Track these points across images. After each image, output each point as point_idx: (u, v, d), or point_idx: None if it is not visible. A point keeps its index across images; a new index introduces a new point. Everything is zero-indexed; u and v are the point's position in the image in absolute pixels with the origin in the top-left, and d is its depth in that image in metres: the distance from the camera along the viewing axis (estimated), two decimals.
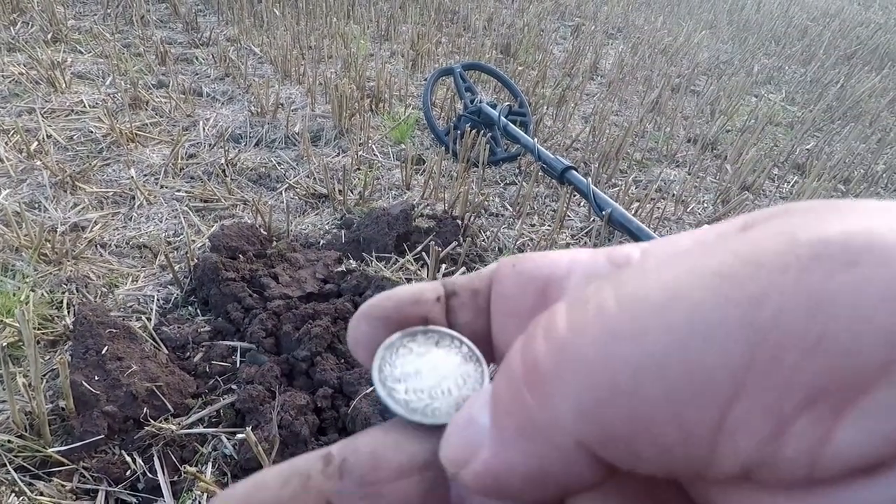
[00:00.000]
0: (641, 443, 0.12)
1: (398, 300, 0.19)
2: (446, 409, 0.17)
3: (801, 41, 4.66)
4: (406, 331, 0.19)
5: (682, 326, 0.12)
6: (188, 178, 1.77)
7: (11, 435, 0.96)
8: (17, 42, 2.33)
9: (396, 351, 0.18)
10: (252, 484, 0.15)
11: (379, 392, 0.17)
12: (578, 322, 0.13)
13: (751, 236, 0.13)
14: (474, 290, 0.20)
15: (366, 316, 0.19)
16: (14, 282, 1.27)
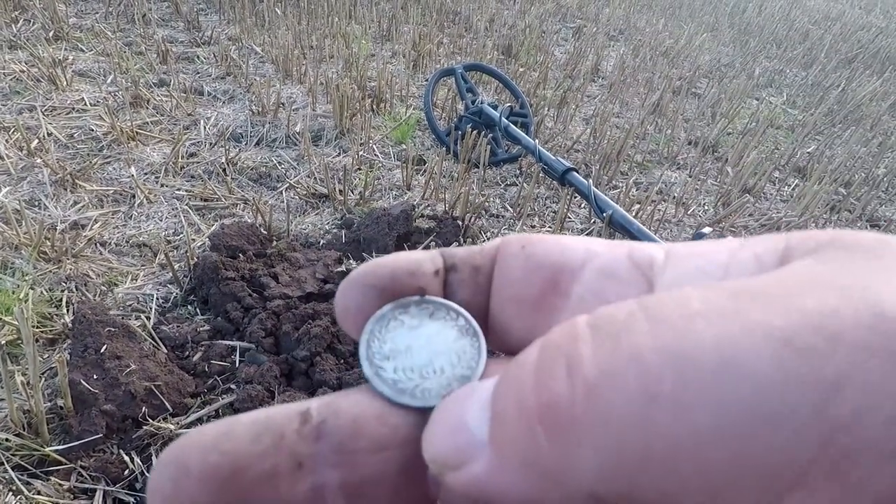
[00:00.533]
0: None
1: (394, 268, 0.18)
2: (437, 389, 0.16)
3: (803, 44, 4.66)
4: (398, 302, 0.17)
5: (739, 405, 0.10)
6: (188, 176, 1.76)
7: (9, 433, 0.96)
8: (18, 40, 2.33)
9: (387, 324, 0.17)
10: (222, 432, 0.14)
11: (365, 370, 0.16)
12: (610, 367, 0.12)
13: (819, 295, 0.11)
14: (475, 267, 0.18)
15: (357, 283, 0.17)
16: (13, 280, 1.26)
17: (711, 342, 0.11)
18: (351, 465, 0.15)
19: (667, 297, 0.12)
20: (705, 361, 0.11)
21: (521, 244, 0.18)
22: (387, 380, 0.16)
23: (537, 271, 0.18)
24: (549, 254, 0.18)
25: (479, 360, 0.16)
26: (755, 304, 0.11)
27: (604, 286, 0.17)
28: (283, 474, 0.14)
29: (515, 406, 0.13)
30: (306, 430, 0.15)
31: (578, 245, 0.18)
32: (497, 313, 0.18)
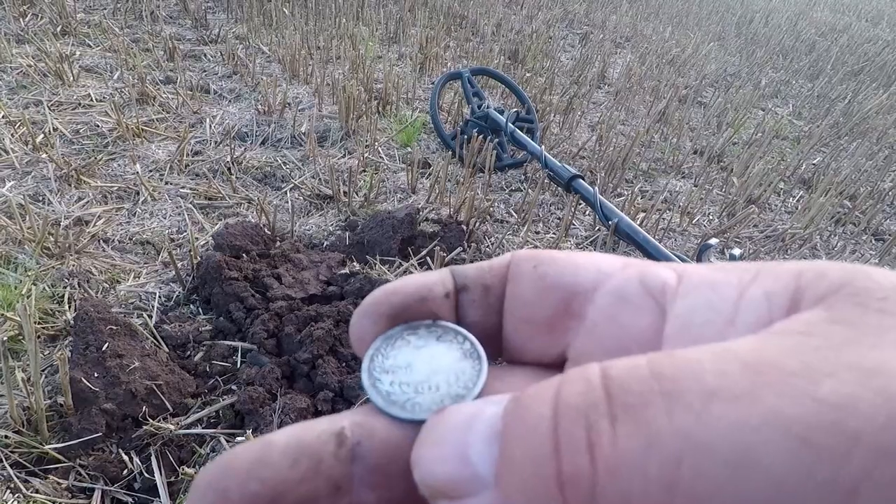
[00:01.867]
0: None
1: (404, 296, 0.18)
2: (428, 405, 0.16)
3: (809, 56, 4.66)
4: (410, 324, 0.18)
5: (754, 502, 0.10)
6: (193, 174, 1.76)
7: (8, 430, 0.95)
8: (26, 34, 2.33)
9: (394, 343, 0.18)
10: (257, 458, 0.14)
11: (363, 381, 0.17)
12: (630, 450, 0.11)
13: (834, 379, 0.11)
14: (485, 287, 0.18)
15: (369, 313, 0.18)
16: (16, 275, 1.26)
17: (728, 430, 0.11)
18: (387, 485, 0.15)
19: (680, 365, 0.12)
20: (722, 452, 0.10)
21: (533, 263, 0.18)
22: (381, 391, 0.16)
23: (550, 292, 0.18)
24: (562, 274, 0.18)
25: (476, 382, 0.17)
26: (770, 388, 0.11)
27: (617, 311, 0.17)
28: (321, 498, 0.14)
29: (532, 463, 0.12)
30: (343, 454, 0.15)
31: (590, 265, 0.18)
32: (510, 332, 0.18)
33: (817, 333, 0.12)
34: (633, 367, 0.13)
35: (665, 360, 0.12)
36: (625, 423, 0.12)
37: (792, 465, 0.10)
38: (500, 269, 0.19)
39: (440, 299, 0.18)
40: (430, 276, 0.18)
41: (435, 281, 0.18)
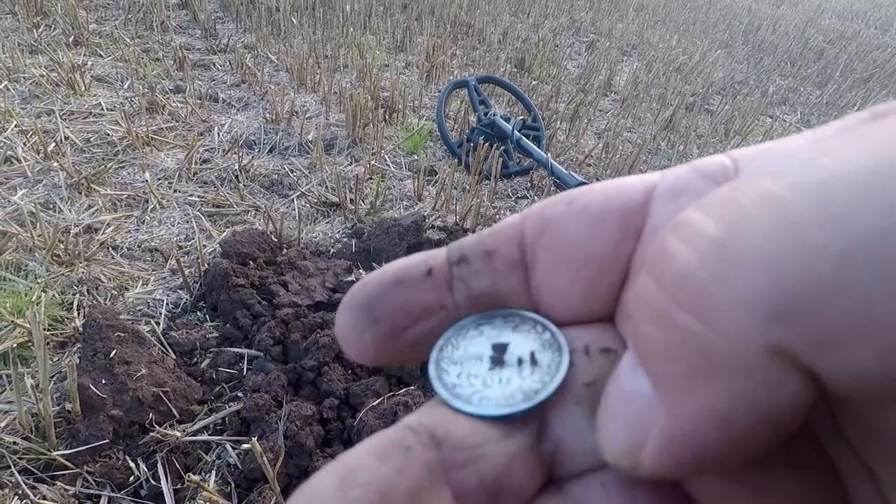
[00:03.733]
0: (861, 346, 0.10)
1: (378, 283, 0.16)
2: (497, 399, 0.15)
3: (817, 63, 4.65)
4: (484, 314, 0.16)
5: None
6: (201, 182, 1.78)
7: (17, 437, 0.96)
8: (39, 44, 2.37)
9: (466, 333, 0.16)
10: (341, 473, 0.13)
11: (430, 371, 0.16)
12: (735, 218, 0.11)
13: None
14: (487, 252, 0.16)
15: (346, 307, 0.16)
16: (26, 282, 1.27)
17: (848, 164, 0.10)
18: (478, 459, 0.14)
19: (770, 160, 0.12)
20: (848, 177, 0.10)
21: (565, 202, 0.16)
22: (447, 383, 0.15)
23: (601, 223, 0.15)
24: (608, 199, 0.16)
25: (554, 376, 0.15)
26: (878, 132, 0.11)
27: (678, 206, 0.15)
28: (425, 489, 0.13)
29: (650, 321, 0.12)
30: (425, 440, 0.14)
31: (632, 180, 0.16)
32: (555, 294, 0.16)
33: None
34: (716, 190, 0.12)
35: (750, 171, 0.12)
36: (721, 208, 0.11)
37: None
38: (504, 230, 0.17)
39: (419, 279, 0.16)
40: (414, 256, 0.17)
41: (417, 261, 0.17)
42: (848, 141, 0.11)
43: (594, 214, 0.16)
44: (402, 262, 0.16)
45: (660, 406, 0.12)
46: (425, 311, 0.16)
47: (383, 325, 0.16)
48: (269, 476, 0.88)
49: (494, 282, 0.16)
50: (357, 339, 0.16)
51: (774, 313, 0.10)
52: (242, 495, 0.96)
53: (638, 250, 0.15)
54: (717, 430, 0.11)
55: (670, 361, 0.11)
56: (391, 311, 0.16)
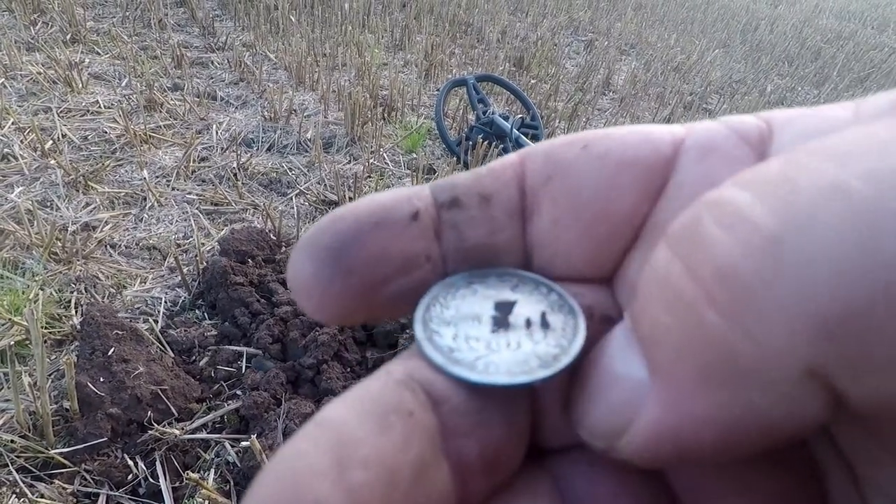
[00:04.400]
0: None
1: (353, 221, 0.13)
2: (507, 366, 0.12)
3: (815, 63, 4.66)
4: (474, 271, 0.14)
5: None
6: (200, 180, 1.77)
7: (15, 435, 0.96)
8: (36, 42, 2.36)
9: (455, 291, 0.14)
10: (333, 440, 0.10)
11: (416, 332, 0.13)
12: (795, 208, 0.09)
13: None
14: (484, 196, 0.14)
15: (306, 246, 0.13)
16: (24, 280, 1.27)
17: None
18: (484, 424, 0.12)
19: (834, 139, 0.10)
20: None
21: (580, 144, 0.14)
22: (441, 346, 0.13)
23: (621, 174, 0.13)
24: (630, 147, 0.14)
25: (572, 341, 0.13)
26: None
27: (708, 166, 0.13)
28: (429, 464, 0.11)
29: (667, 310, 0.10)
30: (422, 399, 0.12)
31: (658, 129, 0.14)
32: (547, 245, 0.14)
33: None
34: (763, 165, 0.10)
35: (807, 145, 0.10)
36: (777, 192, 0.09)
37: None
38: (503, 170, 0.14)
39: (403, 223, 0.13)
40: (397, 191, 0.14)
41: (398, 199, 0.14)
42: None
43: (615, 164, 0.14)
44: (380, 198, 0.14)
45: (655, 398, 0.11)
46: (408, 261, 0.13)
47: (356, 276, 0.13)
48: None
49: (491, 232, 0.14)
50: (320, 291, 0.13)
51: (828, 332, 0.09)
52: (241, 493, 0.95)
53: (656, 210, 0.14)
54: (714, 435, 0.10)
55: (682, 359, 0.10)
56: (368, 260, 0.13)
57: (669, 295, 0.10)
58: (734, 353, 0.09)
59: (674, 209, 0.13)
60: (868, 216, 0.09)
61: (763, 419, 0.10)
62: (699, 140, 0.14)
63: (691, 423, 0.10)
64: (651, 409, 0.11)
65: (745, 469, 0.13)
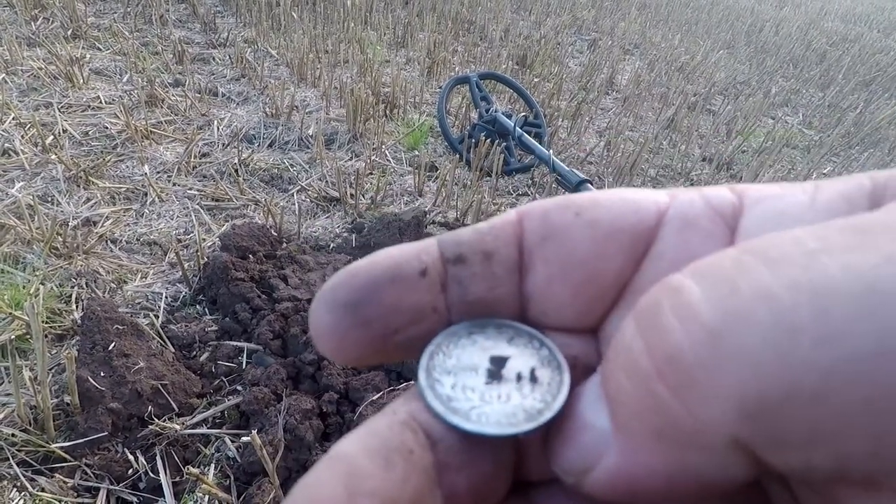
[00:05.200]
0: (818, 451, 0.10)
1: (368, 278, 0.15)
2: (497, 417, 0.14)
3: (820, 65, 4.64)
4: (475, 321, 0.16)
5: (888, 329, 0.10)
6: (201, 176, 1.77)
7: (15, 429, 0.95)
8: (37, 37, 2.36)
9: (458, 341, 0.15)
10: (345, 473, 0.12)
11: (419, 380, 0.14)
12: (733, 308, 0.11)
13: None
14: (486, 253, 0.15)
15: (326, 300, 0.15)
16: (24, 275, 1.26)
17: (848, 272, 0.10)
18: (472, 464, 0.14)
19: (773, 240, 0.11)
20: (847, 290, 0.10)
21: (573, 211, 0.15)
22: (441, 395, 0.14)
23: (610, 241, 0.15)
24: (620, 216, 0.15)
25: (557, 396, 0.14)
26: (882, 238, 0.11)
27: (686, 237, 0.15)
28: (425, 495, 0.13)
29: (628, 378, 0.12)
30: (422, 440, 0.14)
31: (643, 198, 0.15)
32: (539, 302, 0.16)
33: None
34: (718, 254, 0.12)
35: (754, 242, 0.12)
36: (721, 289, 0.11)
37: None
38: (503, 228, 0.16)
39: (413, 278, 0.15)
40: (406, 248, 0.15)
41: (409, 256, 0.15)
42: (851, 242, 0.11)
43: (604, 232, 0.15)
44: (393, 255, 0.15)
45: (615, 448, 0.13)
46: (417, 313, 0.15)
47: (371, 327, 0.15)
48: (269, 469, 0.88)
49: (492, 287, 0.15)
50: (339, 339, 0.15)
51: (748, 413, 0.11)
52: (242, 488, 0.95)
53: (639, 274, 0.15)
54: (661, 484, 0.12)
55: (637, 419, 0.12)
56: (382, 313, 0.15)
57: (631, 365, 0.12)
58: (677, 421, 0.11)
59: (654, 275, 0.15)
60: (787, 322, 0.10)
61: (698, 475, 0.12)
62: (680, 212, 0.15)
63: (643, 471, 0.12)
64: (612, 456, 0.13)
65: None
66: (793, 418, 0.10)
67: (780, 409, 0.10)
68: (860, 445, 0.10)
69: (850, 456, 0.10)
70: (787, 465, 0.11)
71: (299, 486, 0.12)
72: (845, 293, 0.10)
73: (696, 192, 0.15)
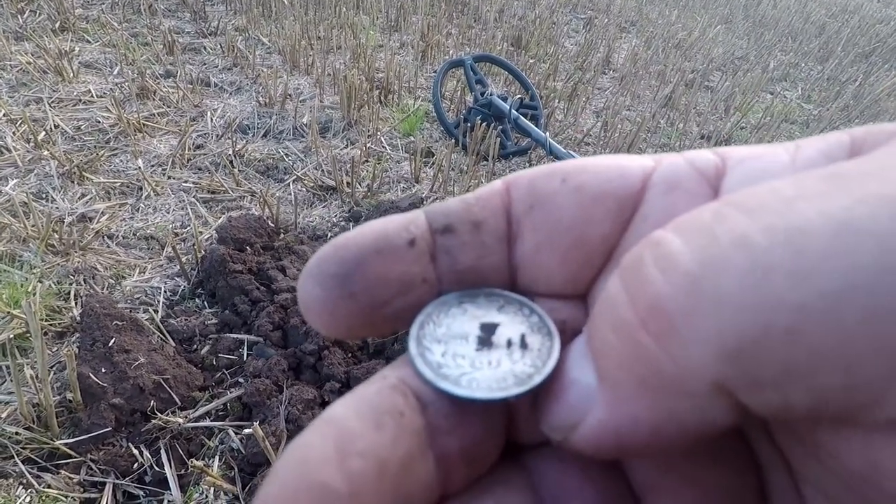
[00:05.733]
0: (794, 388, 0.11)
1: (356, 249, 0.15)
2: (488, 382, 0.14)
3: (819, 38, 4.58)
4: (466, 291, 0.16)
5: (867, 264, 0.10)
6: (195, 168, 1.75)
7: (19, 427, 0.96)
8: (24, 31, 2.32)
9: (447, 310, 0.15)
10: (336, 434, 0.12)
11: (410, 349, 0.14)
12: (711, 255, 0.11)
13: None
14: (475, 223, 0.15)
15: (314, 273, 0.15)
16: (21, 273, 1.26)
17: (823, 215, 0.11)
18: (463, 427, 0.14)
19: (752, 192, 0.12)
20: (821, 230, 0.10)
21: (559, 177, 0.15)
22: (431, 362, 0.14)
23: (597, 206, 0.15)
24: (606, 181, 0.15)
25: (547, 361, 0.14)
26: (856, 182, 0.11)
27: (671, 201, 0.15)
28: (416, 457, 0.13)
29: (613, 330, 0.12)
30: (413, 403, 0.14)
31: (630, 163, 0.16)
32: (529, 268, 0.16)
33: (891, 156, 0.12)
34: (700, 208, 0.12)
35: (734, 195, 0.12)
36: (700, 240, 0.11)
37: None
38: (491, 198, 0.16)
39: (401, 249, 0.15)
40: (393, 220, 0.15)
41: (396, 227, 0.15)
42: (827, 188, 0.11)
43: (591, 197, 0.15)
44: (379, 226, 0.15)
45: (601, 401, 0.13)
46: (406, 284, 0.15)
47: (361, 299, 0.14)
48: (272, 460, 0.88)
49: (481, 256, 0.16)
50: (328, 313, 0.15)
51: (727, 355, 0.11)
52: (246, 479, 0.96)
53: (625, 237, 0.15)
54: (646, 435, 0.12)
55: (623, 369, 0.12)
56: (370, 284, 0.15)
57: (616, 319, 0.12)
58: (660, 368, 0.12)
59: (640, 237, 0.15)
60: (761, 264, 0.11)
61: (681, 422, 0.12)
62: (664, 175, 0.15)
63: (628, 422, 0.13)
64: (598, 410, 0.13)
65: (691, 465, 0.15)
66: (769, 357, 0.11)
67: (756, 349, 0.11)
68: (833, 379, 0.10)
69: (824, 390, 0.11)
70: (766, 405, 0.11)
71: (291, 448, 0.12)
72: (819, 233, 0.10)
73: (681, 156, 0.16)
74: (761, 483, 0.15)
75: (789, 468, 0.15)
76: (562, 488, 0.15)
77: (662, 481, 0.15)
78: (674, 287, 0.11)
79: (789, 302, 0.10)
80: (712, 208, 0.12)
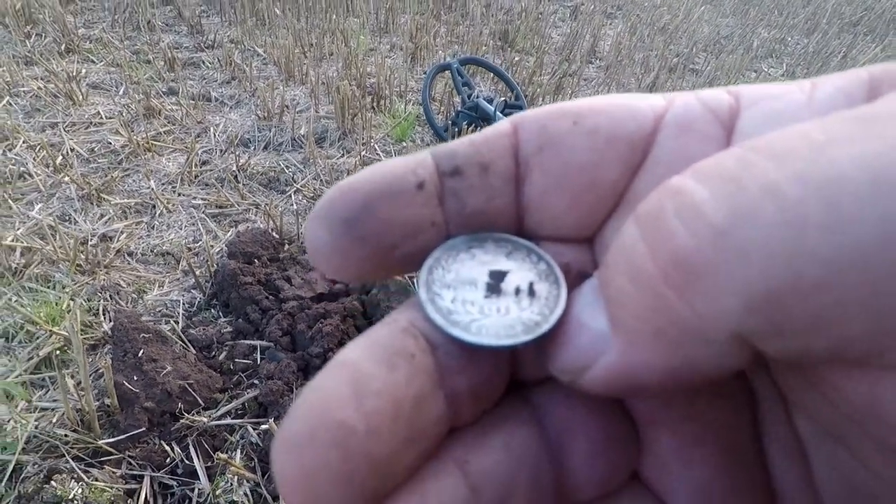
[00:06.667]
0: (818, 336, 0.11)
1: (364, 193, 0.15)
2: (496, 329, 0.14)
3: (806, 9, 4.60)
4: (475, 235, 0.16)
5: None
6: (203, 184, 1.88)
7: (67, 430, 1.10)
8: (33, 55, 2.44)
9: (456, 255, 0.15)
10: (351, 376, 0.13)
11: (420, 295, 0.15)
12: (739, 206, 0.11)
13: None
14: (483, 165, 0.15)
15: (321, 217, 0.15)
16: (55, 292, 1.40)
17: (855, 163, 0.10)
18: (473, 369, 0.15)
19: (777, 136, 0.11)
20: (855, 179, 0.10)
21: (571, 119, 0.15)
22: (441, 308, 0.15)
23: (609, 148, 0.15)
24: (618, 123, 0.15)
25: (554, 309, 0.15)
26: (888, 126, 0.10)
27: (684, 142, 0.15)
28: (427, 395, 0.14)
29: (631, 280, 0.12)
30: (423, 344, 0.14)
31: (641, 104, 0.16)
32: (537, 211, 0.16)
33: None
34: (722, 154, 0.12)
35: (758, 139, 0.12)
36: (726, 188, 0.11)
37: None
38: (499, 139, 0.16)
39: (409, 192, 0.15)
40: (400, 162, 0.15)
41: (404, 169, 0.15)
42: (858, 132, 0.11)
43: (603, 139, 0.15)
44: (387, 168, 0.15)
45: (614, 346, 0.13)
46: (415, 228, 0.15)
47: (369, 243, 0.15)
48: None
49: (490, 198, 0.16)
50: (338, 257, 0.15)
51: (754, 307, 0.11)
52: (265, 468, 1.10)
53: (636, 181, 0.15)
54: (658, 378, 0.13)
55: (639, 320, 0.12)
56: (379, 228, 0.15)
57: (634, 269, 0.12)
58: (680, 319, 0.11)
59: (652, 181, 0.15)
60: (793, 216, 0.10)
61: (694, 368, 0.12)
62: (677, 116, 0.15)
63: (641, 367, 0.13)
64: (610, 355, 0.13)
65: (691, 401, 0.15)
66: (797, 309, 0.10)
67: (785, 301, 0.10)
68: (860, 328, 0.10)
69: (848, 339, 0.10)
70: (784, 351, 0.11)
71: (307, 390, 0.13)
72: (852, 183, 0.10)
73: (693, 95, 0.15)
74: (755, 417, 0.15)
75: (784, 400, 0.15)
76: (566, 422, 0.15)
77: (662, 416, 0.15)
78: (700, 240, 0.11)
79: (822, 255, 0.10)
80: (736, 154, 0.11)
